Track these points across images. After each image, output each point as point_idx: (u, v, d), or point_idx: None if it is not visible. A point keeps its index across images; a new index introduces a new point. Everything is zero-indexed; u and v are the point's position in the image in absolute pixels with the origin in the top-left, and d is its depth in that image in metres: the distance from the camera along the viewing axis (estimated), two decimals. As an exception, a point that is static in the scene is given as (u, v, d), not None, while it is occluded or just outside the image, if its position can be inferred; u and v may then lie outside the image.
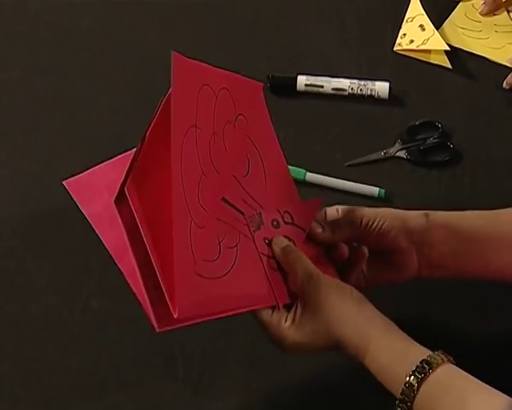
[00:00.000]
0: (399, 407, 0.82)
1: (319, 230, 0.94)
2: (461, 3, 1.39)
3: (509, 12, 1.38)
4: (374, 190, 1.14)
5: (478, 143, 1.20)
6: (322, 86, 1.25)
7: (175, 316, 0.80)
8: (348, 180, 1.15)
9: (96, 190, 0.89)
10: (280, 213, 0.94)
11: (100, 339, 0.98)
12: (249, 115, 0.94)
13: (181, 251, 0.81)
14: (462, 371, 0.81)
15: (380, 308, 0.87)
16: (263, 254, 0.90)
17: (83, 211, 0.90)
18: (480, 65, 1.30)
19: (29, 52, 1.31)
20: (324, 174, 1.15)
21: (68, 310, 1.01)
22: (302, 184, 1.14)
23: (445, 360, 0.82)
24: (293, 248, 0.91)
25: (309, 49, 1.32)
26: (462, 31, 1.35)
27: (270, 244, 0.91)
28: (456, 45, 1.33)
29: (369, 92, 1.24)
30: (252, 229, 0.91)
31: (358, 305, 0.87)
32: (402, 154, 1.19)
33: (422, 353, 0.82)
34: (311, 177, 1.15)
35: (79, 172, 1.06)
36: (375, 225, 0.94)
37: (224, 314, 0.85)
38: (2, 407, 0.95)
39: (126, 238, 0.84)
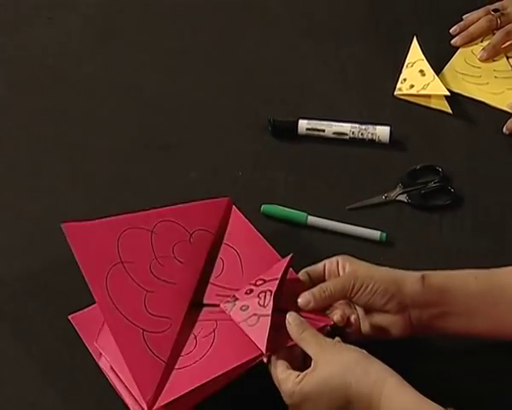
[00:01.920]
0: None
1: (309, 304, 0.95)
2: (460, 49, 1.40)
3: (508, 58, 1.39)
4: (375, 234, 1.14)
5: (478, 187, 1.21)
6: (323, 130, 1.25)
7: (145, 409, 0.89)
8: (349, 224, 1.15)
9: (100, 324, 0.97)
10: (252, 282, 0.98)
11: (101, 384, 0.97)
12: (215, 225, 1.06)
13: (133, 360, 0.92)
14: None
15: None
16: (241, 321, 0.95)
17: (87, 345, 0.98)
18: (480, 110, 1.31)
19: (31, 96, 1.31)
20: (326, 217, 1.15)
21: (69, 354, 1.01)
22: (303, 227, 1.14)
23: None
24: (304, 324, 0.92)
25: (310, 94, 1.33)
26: (462, 76, 1.36)
27: (247, 308, 0.95)
28: (456, 90, 1.33)
29: (369, 136, 1.25)
30: (228, 311, 0.97)
31: (368, 357, 0.88)
32: (403, 197, 1.19)
33: (436, 408, 0.82)
34: (313, 220, 1.15)
35: (80, 217, 1.08)
36: (368, 289, 0.94)
37: (212, 380, 0.90)
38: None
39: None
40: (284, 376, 0.90)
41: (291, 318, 0.93)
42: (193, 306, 1.00)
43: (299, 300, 0.95)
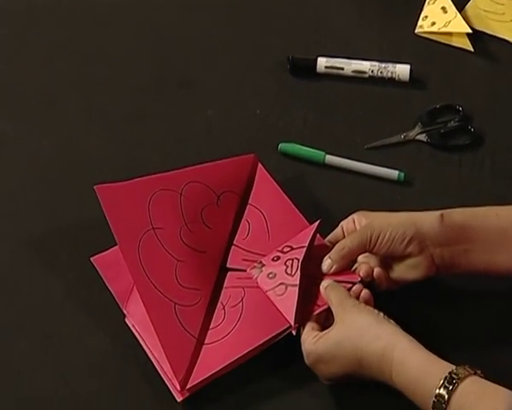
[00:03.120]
0: None
1: (332, 268, 0.96)
2: (483, -14, 1.38)
3: (532, -6, 1.36)
4: (393, 174, 1.13)
5: (499, 126, 1.19)
6: (342, 68, 1.24)
7: (179, 389, 0.90)
8: (368, 163, 1.14)
9: (122, 266, 0.97)
10: (279, 249, 0.98)
11: (118, 317, 0.98)
12: (241, 186, 1.06)
13: (166, 336, 0.92)
14: (488, 382, 0.81)
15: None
16: (268, 289, 0.95)
17: (109, 287, 0.98)
18: (503, 48, 1.29)
19: (47, 30, 1.31)
20: (344, 157, 1.14)
21: (88, 291, 1.02)
22: (321, 166, 1.14)
23: (472, 372, 0.82)
24: (331, 283, 0.94)
25: (330, 32, 1.31)
26: (485, 13, 1.34)
27: (274, 275, 0.95)
28: (479, 28, 1.31)
29: (389, 75, 1.23)
30: (254, 277, 0.97)
31: (381, 322, 0.88)
32: (422, 137, 1.18)
33: (448, 366, 0.83)
34: (331, 159, 1.14)
35: (95, 153, 1.07)
36: (386, 237, 0.94)
37: (242, 356, 0.91)
38: (20, 383, 0.95)
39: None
40: (305, 337, 0.91)
41: (324, 282, 0.94)
42: (220, 270, 1.00)
43: (322, 266, 0.96)
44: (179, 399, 0.91)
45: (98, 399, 0.95)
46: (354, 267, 0.97)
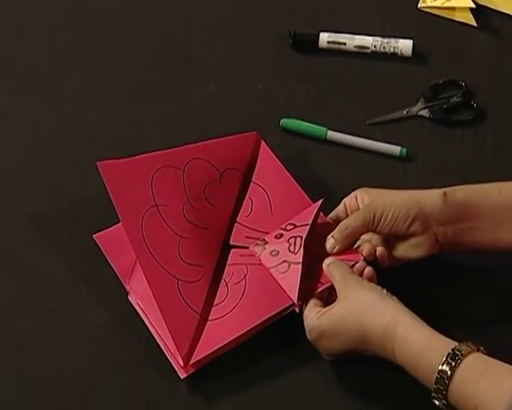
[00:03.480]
0: (435, 398, 0.82)
1: (335, 248, 0.95)
2: (487, -41, 1.37)
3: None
4: (395, 149, 1.13)
5: (502, 102, 1.19)
6: (344, 43, 1.23)
7: (182, 365, 0.90)
8: (370, 139, 1.14)
9: (125, 244, 0.97)
10: (283, 227, 0.98)
11: (120, 292, 0.98)
12: (244, 164, 1.05)
13: (169, 312, 0.92)
14: (491, 358, 0.81)
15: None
16: (271, 267, 0.95)
17: (112, 264, 0.99)
18: (506, 23, 1.28)
19: (49, 5, 1.30)
20: (345, 132, 1.14)
21: (90, 266, 1.02)
22: (323, 142, 1.13)
23: (475, 348, 0.82)
24: (334, 260, 0.94)
25: (332, 6, 1.30)
26: (488, -13, 1.33)
27: (277, 253, 0.95)
28: (482, 3, 1.30)
29: (392, 50, 1.23)
30: (257, 254, 0.97)
31: (384, 298, 0.88)
32: (424, 113, 1.17)
33: (451, 343, 0.83)
34: (333, 135, 1.14)
35: (97, 127, 1.07)
36: (389, 216, 0.93)
37: (245, 332, 0.92)
38: (22, 357, 0.96)
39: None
40: (308, 312, 0.91)
41: (327, 260, 0.94)
42: (223, 248, 1.00)
43: (325, 245, 0.96)
44: (182, 376, 0.91)
45: (100, 374, 0.95)
46: (357, 245, 0.97)
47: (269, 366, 0.95)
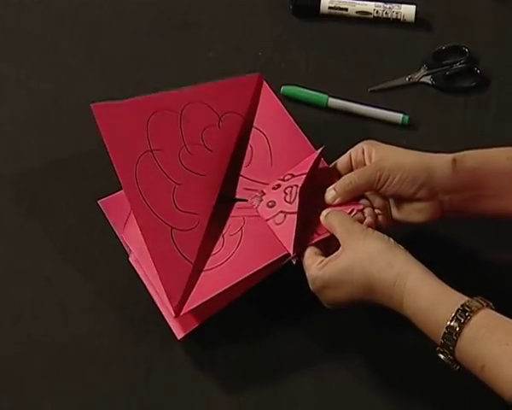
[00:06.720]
0: (441, 352, 0.81)
1: (336, 200, 0.94)
2: None
3: None
4: (397, 117, 1.12)
5: (505, 68, 1.17)
6: (346, 9, 1.22)
7: (173, 315, 0.88)
8: (371, 106, 1.13)
9: (128, 209, 0.95)
10: (281, 178, 0.96)
11: (119, 260, 0.98)
12: (245, 107, 1.02)
13: (161, 260, 0.90)
14: (502, 315, 0.80)
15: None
16: (268, 218, 0.93)
17: (116, 231, 0.97)
18: (511, -12, 1.27)
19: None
20: (347, 100, 1.13)
21: (88, 233, 1.02)
22: (324, 109, 1.12)
23: (485, 305, 0.81)
24: (332, 210, 0.92)
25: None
26: (493, -48, 1.31)
27: (274, 204, 0.93)
28: (486, -33, 1.29)
29: (394, 16, 1.21)
30: (255, 206, 0.95)
31: (392, 248, 0.86)
32: (427, 79, 1.16)
33: (461, 298, 0.82)
34: (334, 102, 1.13)
35: (97, 95, 1.06)
36: (396, 179, 0.92)
37: (239, 282, 0.88)
38: (21, 326, 0.96)
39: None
40: (310, 261, 0.89)
41: (325, 211, 0.93)
42: (221, 201, 0.97)
43: (326, 196, 0.94)
44: (179, 336, 0.90)
45: (98, 342, 0.95)
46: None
47: (268, 334, 0.95)
